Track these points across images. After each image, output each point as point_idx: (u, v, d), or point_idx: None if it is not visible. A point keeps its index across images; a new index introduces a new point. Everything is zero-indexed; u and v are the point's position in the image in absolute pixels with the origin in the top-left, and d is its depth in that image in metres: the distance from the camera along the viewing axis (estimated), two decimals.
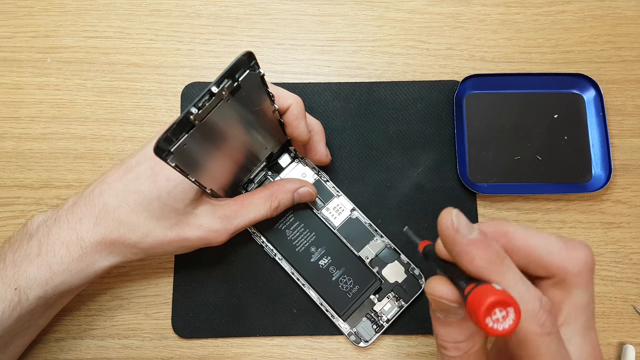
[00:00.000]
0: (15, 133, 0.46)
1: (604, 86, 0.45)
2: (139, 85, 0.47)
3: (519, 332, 0.23)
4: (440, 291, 0.24)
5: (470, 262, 0.23)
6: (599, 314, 0.42)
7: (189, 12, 0.48)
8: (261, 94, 0.32)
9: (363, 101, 0.46)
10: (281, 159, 0.43)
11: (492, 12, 0.48)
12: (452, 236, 0.24)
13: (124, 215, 0.35)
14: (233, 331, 0.42)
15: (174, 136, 0.28)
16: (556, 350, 0.24)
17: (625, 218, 0.44)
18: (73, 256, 0.34)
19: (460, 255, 0.24)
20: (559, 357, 0.24)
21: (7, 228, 0.44)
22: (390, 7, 0.48)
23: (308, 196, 0.41)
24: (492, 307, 0.21)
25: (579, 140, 0.45)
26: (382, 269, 0.42)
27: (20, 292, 0.33)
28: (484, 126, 0.45)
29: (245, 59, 0.29)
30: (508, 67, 0.47)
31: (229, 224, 0.37)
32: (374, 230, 0.42)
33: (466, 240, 0.23)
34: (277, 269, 0.42)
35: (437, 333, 0.26)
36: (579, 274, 0.25)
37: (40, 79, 0.47)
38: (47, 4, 0.48)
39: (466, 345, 0.25)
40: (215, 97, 0.28)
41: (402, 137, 0.45)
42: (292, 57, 0.47)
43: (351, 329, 0.41)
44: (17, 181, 0.45)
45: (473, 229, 0.24)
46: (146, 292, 0.43)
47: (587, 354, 0.25)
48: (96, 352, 0.42)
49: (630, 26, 0.48)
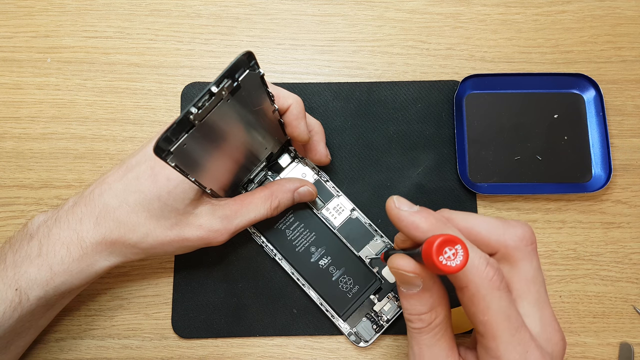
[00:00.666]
0: (15, 133, 0.46)
1: (604, 86, 0.45)
2: (139, 85, 0.47)
3: (470, 288, 0.26)
4: (400, 264, 0.27)
5: (416, 229, 0.27)
6: (599, 314, 0.42)
7: (189, 12, 0.48)
8: (261, 94, 0.32)
9: (363, 101, 0.46)
10: (281, 159, 0.43)
11: (492, 12, 0.48)
12: (396, 214, 0.28)
13: (124, 215, 0.35)
14: (233, 331, 0.42)
15: (173, 136, 0.28)
16: (507, 307, 0.26)
17: (625, 218, 0.44)
18: (73, 256, 0.34)
19: (407, 227, 0.27)
20: (509, 314, 0.26)
21: (7, 228, 0.44)
22: (390, 7, 0.48)
23: (308, 195, 0.41)
24: (442, 245, 0.23)
25: (579, 140, 0.45)
26: (382, 269, 0.42)
27: (21, 292, 0.33)
28: (484, 126, 0.45)
29: (245, 59, 0.29)
30: (508, 67, 0.47)
31: (229, 224, 0.37)
32: (374, 230, 0.42)
33: (408, 213, 0.27)
34: (277, 269, 0.42)
35: (404, 308, 0.29)
36: (518, 248, 0.28)
37: (40, 79, 0.47)
38: (47, 4, 0.48)
39: (429, 317, 0.28)
40: (215, 97, 0.28)
41: (402, 137, 0.45)
42: (292, 57, 0.47)
43: (351, 329, 0.41)
44: (17, 181, 0.45)
45: (414, 206, 0.28)
46: (146, 292, 0.43)
47: (546, 324, 0.27)
48: (96, 352, 0.42)
49: (630, 26, 0.48)
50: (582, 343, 0.42)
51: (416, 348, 0.29)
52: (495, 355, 0.26)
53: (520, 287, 0.28)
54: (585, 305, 0.42)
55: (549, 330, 0.28)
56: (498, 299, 0.26)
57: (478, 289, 0.26)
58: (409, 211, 0.27)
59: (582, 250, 0.43)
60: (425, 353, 0.28)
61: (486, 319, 0.26)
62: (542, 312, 0.28)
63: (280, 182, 0.40)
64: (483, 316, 0.26)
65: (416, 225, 0.27)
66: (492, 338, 0.26)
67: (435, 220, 0.27)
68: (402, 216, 0.27)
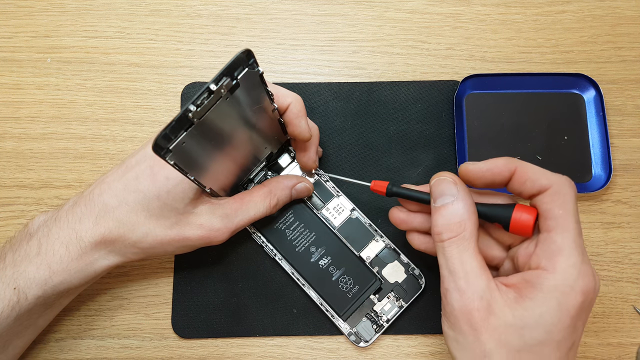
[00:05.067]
0: (15, 133, 0.46)
1: (604, 86, 0.45)
2: (139, 85, 0.47)
3: (554, 187, 0.31)
4: (447, 173, 0.33)
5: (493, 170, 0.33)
6: (599, 314, 0.42)
7: (189, 12, 0.48)
8: (260, 93, 0.32)
9: (363, 101, 0.46)
10: (281, 159, 0.43)
11: (492, 12, 0.48)
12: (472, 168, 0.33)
13: (123, 214, 0.35)
14: (233, 331, 0.42)
15: (172, 134, 0.28)
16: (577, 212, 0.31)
17: (625, 218, 0.44)
18: (72, 255, 0.34)
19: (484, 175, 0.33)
20: (578, 218, 0.31)
21: (7, 228, 0.44)
22: (390, 7, 0.48)
23: (306, 191, 0.41)
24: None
25: (579, 140, 0.45)
26: (382, 269, 0.42)
27: (19, 291, 0.33)
28: (484, 126, 0.45)
29: (244, 57, 0.29)
30: (508, 67, 0.47)
31: (229, 222, 0.37)
32: (374, 230, 0.42)
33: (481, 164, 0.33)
34: (277, 269, 0.42)
35: (434, 222, 0.32)
36: (563, 184, 0.31)
37: (40, 79, 0.47)
38: (47, 4, 0.48)
39: (458, 227, 0.31)
40: (213, 94, 0.28)
41: (402, 137, 0.45)
42: (292, 57, 0.47)
43: (351, 329, 0.41)
44: (17, 181, 0.45)
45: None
46: (146, 292, 0.43)
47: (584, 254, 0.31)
48: (96, 352, 0.42)
49: (630, 26, 0.48)
50: (582, 343, 0.42)
51: (443, 261, 0.32)
52: (562, 243, 0.30)
53: (560, 215, 0.31)
54: None
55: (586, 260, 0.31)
56: (574, 202, 0.31)
57: (561, 187, 0.31)
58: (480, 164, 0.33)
59: None
60: (456, 263, 0.31)
61: (561, 212, 0.30)
62: (581, 247, 0.31)
63: (278, 179, 0.40)
64: (559, 210, 0.30)
65: (492, 169, 0.32)
66: (563, 230, 0.30)
67: (505, 161, 0.32)
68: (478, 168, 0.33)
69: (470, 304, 0.30)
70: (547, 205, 0.31)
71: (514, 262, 0.34)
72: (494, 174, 0.33)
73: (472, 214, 0.32)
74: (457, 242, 0.31)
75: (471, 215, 0.32)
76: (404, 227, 0.38)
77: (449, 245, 0.31)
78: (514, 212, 0.32)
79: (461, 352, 0.31)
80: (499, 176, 0.33)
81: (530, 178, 0.32)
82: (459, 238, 0.31)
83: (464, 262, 0.31)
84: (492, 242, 0.36)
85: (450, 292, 0.31)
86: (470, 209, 0.32)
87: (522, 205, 0.32)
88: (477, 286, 0.30)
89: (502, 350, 0.29)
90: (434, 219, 0.32)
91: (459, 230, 0.31)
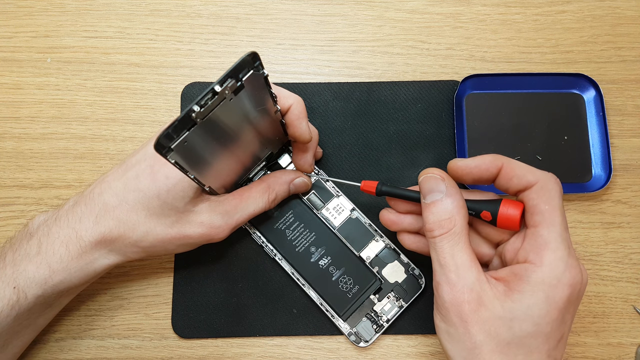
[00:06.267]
0: (15, 133, 0.46)
1: (604, 86, 0.45)
2: (139, 85, 0.47)
3: (539, 183, 0.32)
4: (433, 170, 0.34)
5: (480, 167, 0.34)
6: (599, 314, 0.42)
7: (189, 12, 0.48)
8: (264, 95, 0.32)
9: (363, 101, 0.46)
10: (281, 159, 0.43)
11: (492, 12, 0.48)
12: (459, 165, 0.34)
13: (123, 214, 0.35)
14: (233, 331, 0.42)
15: (174, 133, 0.28)
16: (562, 207, 0.32)
17: (625, 218, 0.44)
18: (72, 255, 0.34)
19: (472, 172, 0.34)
20: (564, 212, 0.32)
21: (7, 228, 0.44)
22: (390, 7, 0.48)
23: (303, 186, 0.41)
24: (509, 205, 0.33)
25: (579, 140, 0.45)
26: (382, 269, 0.42)
27: (19, 290, 0.33)
28: (484, 126, 0.45)
29: (250, 60, 0.28)
30: (508, 67, 0.47)
31: (229, 219, 0.37)
32: (374, 230, 0.42)
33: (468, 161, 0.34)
34: (277, 269, 0.42)
35: (425, 219, 0.33)
36: (548, 180, 0.32)
37: (40, 79, 0.47)
38: (47, 4, 0.48)
39: (449, 223, 0.32)
40: (217, 96, 0.28)
41: (402, 137, 0.45)
42: (292, 57, 0.47)
43: (351, 329, 0.41)
44: (17, 181, 0.45)
45: None
46: (146, 292, 0.43)
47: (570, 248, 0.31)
48: (96, 352, 0.42)
49: (630, 26, 0.48)
50: (582, 343, 0.42)
51: (434, 255, 0.32)
52: (548, 237, 0.31)
53: (545, 210, 0.32)
54: (585, 305, 0.42)
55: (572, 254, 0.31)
56: (559, 197, 0.32)
57: (546, 183, 0.32)
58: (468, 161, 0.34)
59: (582, 250, 0.43)
60: (447, 257, 0.32)
61: (547, 207, 0.31)
62: (567, 241, 0.32)
63: (276, 174, 0.40)
64: (545, 205, 0.31)
65: (480, 165, 0.33)
66: (549, 224, 0.31)
67: (493, 157, 0.33)
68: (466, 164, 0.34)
69: (461, 297, 0.31)
70: (533, 200, 0.32)
71: (502, 258, 0.34)
72: (482, 170, 0.33)
73: (461, 208, 0.33)
74: (448, 238, 0.32)
75: (460, 210, 0.32)
76: (394, 228, 0.38)
77: (440, 241, 0.32)
78: (501, 206, 0.33)
79: (452, 344, 0.32)
80: (486, 172, 0.33)
81: (517, 174, 0.33)
82: (449, 234, 0.32)
83: (454, 256, 0.32)
84: (480, 239, 0.36)
85: (441, 285, 0.32)
86: (460, 204, 0.33)
87: (509, 200, 0.33)
88: (467, 279, 0.31)
89: (492, 342, 0.30)
90: (424, 215, 0.33)
91: (449, 226, 0.32)
